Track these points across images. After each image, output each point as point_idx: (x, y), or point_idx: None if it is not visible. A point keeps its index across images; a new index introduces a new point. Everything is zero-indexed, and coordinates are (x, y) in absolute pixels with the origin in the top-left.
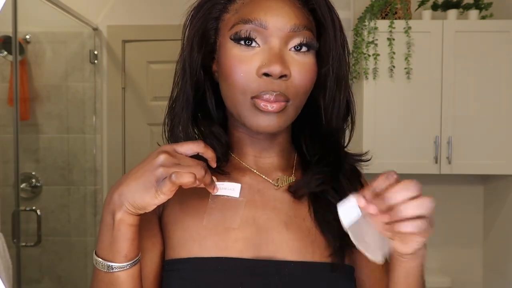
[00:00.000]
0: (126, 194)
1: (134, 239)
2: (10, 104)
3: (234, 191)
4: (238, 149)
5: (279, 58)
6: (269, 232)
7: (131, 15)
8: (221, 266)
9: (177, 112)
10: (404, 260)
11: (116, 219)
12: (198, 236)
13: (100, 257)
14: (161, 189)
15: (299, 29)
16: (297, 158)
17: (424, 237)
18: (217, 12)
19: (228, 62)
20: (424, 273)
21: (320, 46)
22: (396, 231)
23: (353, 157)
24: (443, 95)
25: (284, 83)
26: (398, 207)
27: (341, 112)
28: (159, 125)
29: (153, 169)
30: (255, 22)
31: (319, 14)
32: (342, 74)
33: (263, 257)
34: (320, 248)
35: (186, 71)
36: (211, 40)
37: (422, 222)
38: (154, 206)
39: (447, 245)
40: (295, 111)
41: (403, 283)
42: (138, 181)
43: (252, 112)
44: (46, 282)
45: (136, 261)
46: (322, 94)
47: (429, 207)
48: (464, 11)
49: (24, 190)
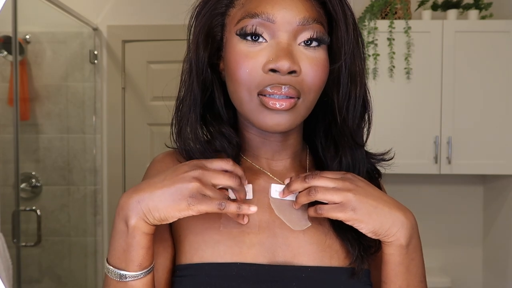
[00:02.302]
0: (147, 201)
1: (150, 247)
2: (10, 104)
3: (248, 194)
4: (249, 151)
5: (287, 53)
6: (285, 237)
7: (131, 15)
8: (236, 272)
9: (185, 113)
10: (384, 247)
11: (130, 225)
12: (211, 240)
13: (112, 265)
14: (197, 207)
15: (309, 22)
16: (310, 158)
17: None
18: (222, 7)
19: (233, 58)
20: (416, 264)
21: (332, 41)
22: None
23: (373, 157)
24: (443, 95)
25: (294, 79)
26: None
27: (357, 109)
28: (159, 125)
29: (187, 182)
30: (262, 16)
31: (330, 7)
32: (356, 69)
33: (279, 262)
34: (338, 252)
35: (193, 70)
36: (218, 37)
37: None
38: (175, 219)
39: (447, 245)
40: (306, 109)
41: (390, 273)
42: (166, 191)
43: (259, 110)
44: (46, 282)
45: (150, 270)
46: (335, 91)
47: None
48: (464, 11)
49: (24, 190)
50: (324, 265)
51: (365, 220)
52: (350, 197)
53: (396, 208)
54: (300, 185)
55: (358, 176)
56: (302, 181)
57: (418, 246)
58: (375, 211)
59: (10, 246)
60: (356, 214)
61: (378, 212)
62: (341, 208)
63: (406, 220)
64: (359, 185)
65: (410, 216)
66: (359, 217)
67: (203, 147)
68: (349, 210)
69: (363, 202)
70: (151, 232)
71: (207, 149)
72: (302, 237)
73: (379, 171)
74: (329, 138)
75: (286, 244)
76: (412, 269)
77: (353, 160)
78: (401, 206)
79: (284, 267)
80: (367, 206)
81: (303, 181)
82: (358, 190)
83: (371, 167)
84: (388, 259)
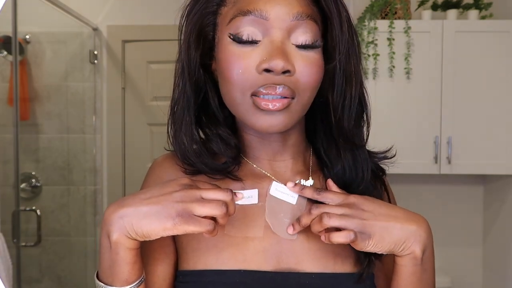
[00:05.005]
0: (130, 217)
1: (135, 262)
2: (10, 104)
3: (253, 198)
4: (250, 153)
5: (281, 52)
6: (289, 243)
7: (131, 15)
8: (239, 279)
9: (179, 115)
10: (397, 259)
11: (112, 241)
12: (214, 247)
13: (100, 280)
14: (183, 227)
15: (302, 17)
16: (313, 158)
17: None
18: (214, 5)
19: (226, 58)
20: (428, 274)
21: (327, 39)
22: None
23: (376, 156)
24: (443, 95)
25: (288, 79)
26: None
27: (353, 110)
28: (159, 125)
29: (175, 200)
30: (254, 13)
31: (323, 5)
32: (351, 69)
33: (283, 269)
34: (342, 258)
35: (185, 71)
36: (209, 36)
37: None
38: (158, 237)
39: (447, 245)
40: (301, 108)
41: (401, 283)
42: (152, 208)
43: (252, 111)
44: (46, 282)
45: (139, 283)
46: (330, 91)
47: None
48: (464, 11)
49: (24, 190)
50: (328, 271)
51: (379, 244)
52: (361, 225)
53: (408, 220)
54: (311, 193)
55: (361, 197)
56: (314, 191)
57: (432, 255)
58: (387, 231)
59: (10, 246)
60: (371, 241)
61: (390, 231)
62: (355, 238)
63: (420, 230)
64: (366, 209)
65: (423, 224)
66: (372, 243)
67: (199, 148)
68: (362, 240)
69: (374, 226)
70: (135, 247)
71: (203, 151)
72: (306, 243)
73: (383, 169)
74: (330, 138)
75: (290, 250)
76: (424, 280)
77: (354, 160)
78: (412, 216)
79: (288, 274)
80: (379, 229)
81: (314, 191)
82: (365, 215)
83: (374, 165)
84: (401, 270)
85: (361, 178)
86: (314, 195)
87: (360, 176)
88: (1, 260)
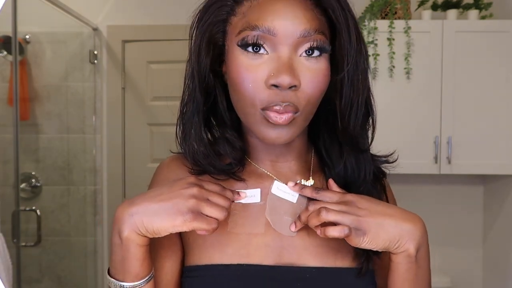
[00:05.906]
0: (140, 214)
1: (145, 258)
2: (10, 104)
3: (255, 197)
4: (253, 154)
5: (288, 68)
6: (291, 238)
7: (131, 15)
8: (242, 273)
9: (189, 118)
10: (392, 256)
11: (123, 238)
12: (218, 243)
13: (112, 276)
14: (192, 224)
15: (310, 33)
16: (314, 159)
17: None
18: (224, 14)
19: (236, 69)
20: (423, 271)
21: (335, 48)
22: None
23: (378, 159)
24: (443, 95)
25: (293, 93)
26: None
27: (359, 117)
28: (159, 125)
29: (185, 198)
30: (262, 29)
31: (332, 16)
32: (358, 78)
33: (284, 264)
34: (342, 254)
35: (195, 77)
36: (219, 42)
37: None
38: (167, 233)
39: (447, 245)
40: (305, 120)
41: (397, 281)
42: (162, 205)
43: (263, 124)
44: (46, 282)
45: (149, 278)
46: (338, 99)
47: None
48: (464, 11)
49: (24, 190)
50: (328, 266)
51: (373, 241)
52: (356, 222)
53: (403, 219)
54: (310, 192)
55: (358, 195)
56: (313, 190)
57: (427, 253)
58: (382, 228)
59: (10, 246)
60: (365, 238)
61: (385, 228)
62: (349, 233)
63: (415, 229)
64: (362, 207)
65: (418, 223)
66: (367, 239)
67: (207, 150)
68: (356, 236)
69: (369, 223)
70: (145, 243)
71: (211, 153)
72: (307, 239)
73: (383, 172)
74: (333, 139)
75: (292, 245)
76: (419, 276)
77: (358, 162)
78: (408, 215)
79: (289, 268)
80: (374, 226)
81: (313, 190)
82: (360, 212)
83: (376, 168)
84: (396, 267)
85: (363, 179)
86: (313, 194)
87: (362, 177)
88: (1, 260)
